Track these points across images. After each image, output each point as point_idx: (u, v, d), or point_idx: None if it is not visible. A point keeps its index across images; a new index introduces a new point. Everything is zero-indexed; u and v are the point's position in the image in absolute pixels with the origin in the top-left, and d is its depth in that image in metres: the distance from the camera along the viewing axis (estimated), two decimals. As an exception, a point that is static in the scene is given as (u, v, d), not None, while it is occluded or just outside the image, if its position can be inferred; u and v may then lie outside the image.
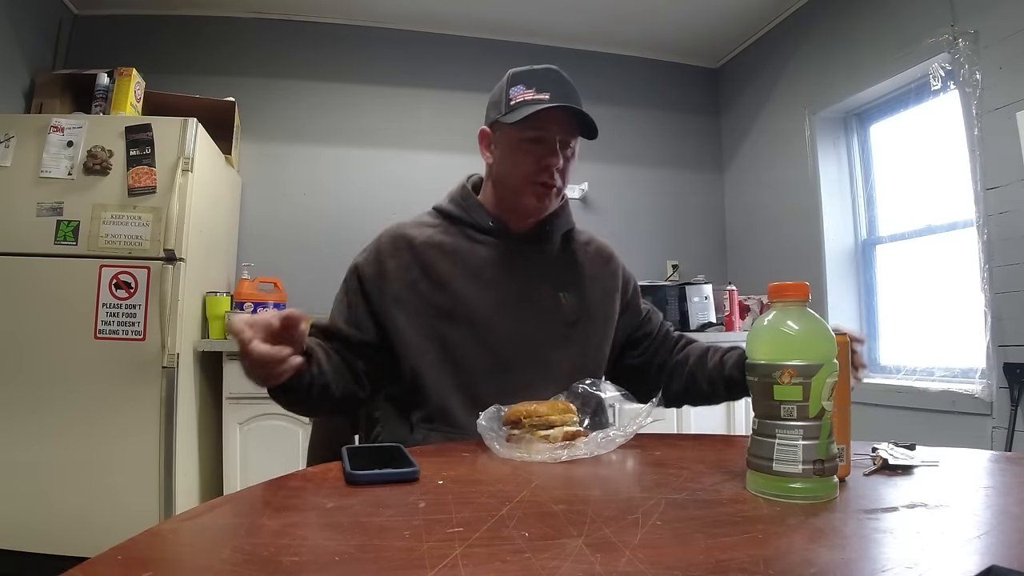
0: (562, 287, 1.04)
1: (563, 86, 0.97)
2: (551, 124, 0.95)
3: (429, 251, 1.00)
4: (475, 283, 0.99)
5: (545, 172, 0.96)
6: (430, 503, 0.53)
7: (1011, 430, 1.82)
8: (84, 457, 1.89)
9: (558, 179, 0.98)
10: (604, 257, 1.12)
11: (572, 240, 1.11)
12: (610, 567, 0.39)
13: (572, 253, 1.09)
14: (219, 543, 0.44)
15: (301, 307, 2.98)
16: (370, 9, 2.91)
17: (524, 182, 0.98)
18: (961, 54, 2.00)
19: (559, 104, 0.93)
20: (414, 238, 1.02)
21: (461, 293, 0.97)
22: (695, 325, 2.72)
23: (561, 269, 1.06)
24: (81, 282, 1.94)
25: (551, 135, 0.96)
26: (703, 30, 3.09)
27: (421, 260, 1.00)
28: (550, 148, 0.96)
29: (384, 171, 2.96)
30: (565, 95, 0.95)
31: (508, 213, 1.03)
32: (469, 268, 1.00)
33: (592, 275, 1.08)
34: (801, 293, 0.59)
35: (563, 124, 0.96)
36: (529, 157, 0.97)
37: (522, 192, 0.99)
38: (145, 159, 2.01)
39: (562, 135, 0.96)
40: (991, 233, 1.93)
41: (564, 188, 1.01)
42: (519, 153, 0.97)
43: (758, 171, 3.10)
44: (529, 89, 0.95)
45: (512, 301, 0.99)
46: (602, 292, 1.08)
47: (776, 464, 0.55)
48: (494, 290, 0.99)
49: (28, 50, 2.44)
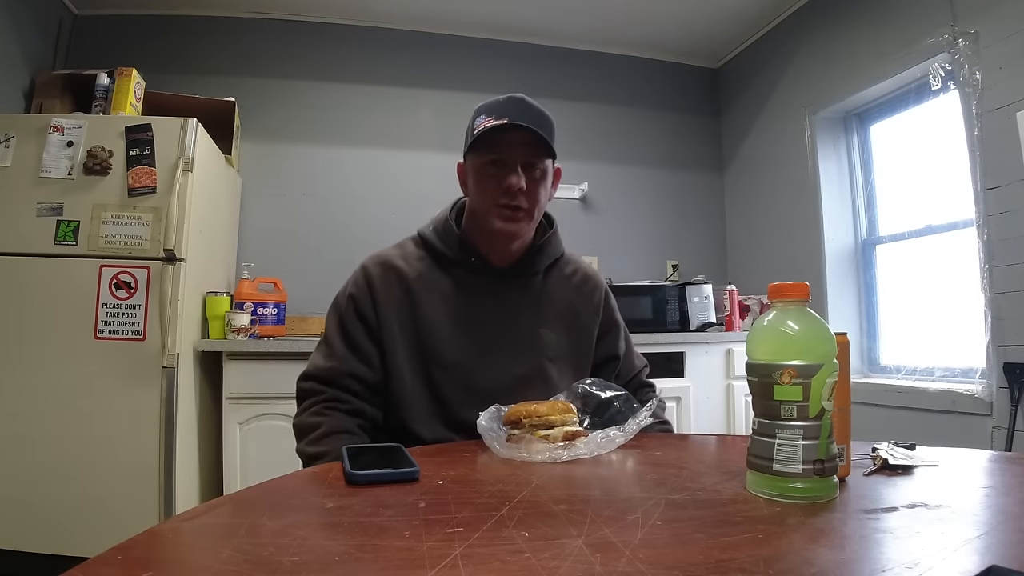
0: (544, 323, 1.04)
1: (523, 110, 0.96)
2: (510, 146, 0.95)
3: (419, 291, 1.00)
4: (460, 328, 0.99)
5: (507, 193, 0.95)
6: (430, 503, 0.53)
7: (1011, 430, 1.82)
8: (84, 457, 1.89)
9: (523, 201, 0.96)
10: (587, 289, 1.12)
11: (557, 271, 1.10)
12: (610, 567, 0.39)
13: (556, 285, 1.08)
14: (219, 543, 0.44)
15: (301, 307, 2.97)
16: (370, 9, 2.91)
17: (490, 205, 0.98)
18: (961, 54, 2.00)
19: (508, 122, 0.93)
20: (405, 273, 1.02)
21: (447, 338, 0.98)
22: (695, 325, 2.72)
23: (544, 304, 1.06)
24: (81, 282, 1.94)
25: (511, 157, 0.96)
26: (703, 30, 3.09)
27: (411, 299, 1.00)
28: (510, 169, 0.96)
29: (384, 171, 2.96)
30: (524, 117, 0.95)
31: (488, 245, 1.03)
32: (453, 310, 1.00)
33: (575, 309, 1.08)
34: (801, 293, 0.59)
35: (523, 145, 0.95)
36: (492, 180, 0.97)
37: (489, 216, 0.98)
38: (145, 159, 2.01)
39: (524, 156, 0.96)
40: (991, 233, 1.93)
41: (535, 209, 0.99)
42: (483, 178, 0.98)
43: (758, 171, 3.10)
44: (490, 117, 0.96)
45: (495, 344, 1.00)
46: (582, 325, 1.09)
47: (776, 464, 0.55)
48: (478, 333, 1.00)
49: (28, 50, 2.44)
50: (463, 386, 0.97)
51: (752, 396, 0.60)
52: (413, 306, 0.99)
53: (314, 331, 2.68)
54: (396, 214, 2.89)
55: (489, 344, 0.99)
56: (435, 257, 1.04)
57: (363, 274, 1.02)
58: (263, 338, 2.28)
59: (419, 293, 1.00)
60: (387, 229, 2.78)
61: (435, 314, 0.99)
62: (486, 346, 0.99)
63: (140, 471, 1.91)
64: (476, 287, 1.02)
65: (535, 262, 1.06)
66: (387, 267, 1.02)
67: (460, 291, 1.01)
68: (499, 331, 1.01)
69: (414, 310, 0.99)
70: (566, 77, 3.18)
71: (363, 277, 1.02)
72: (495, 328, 1.01)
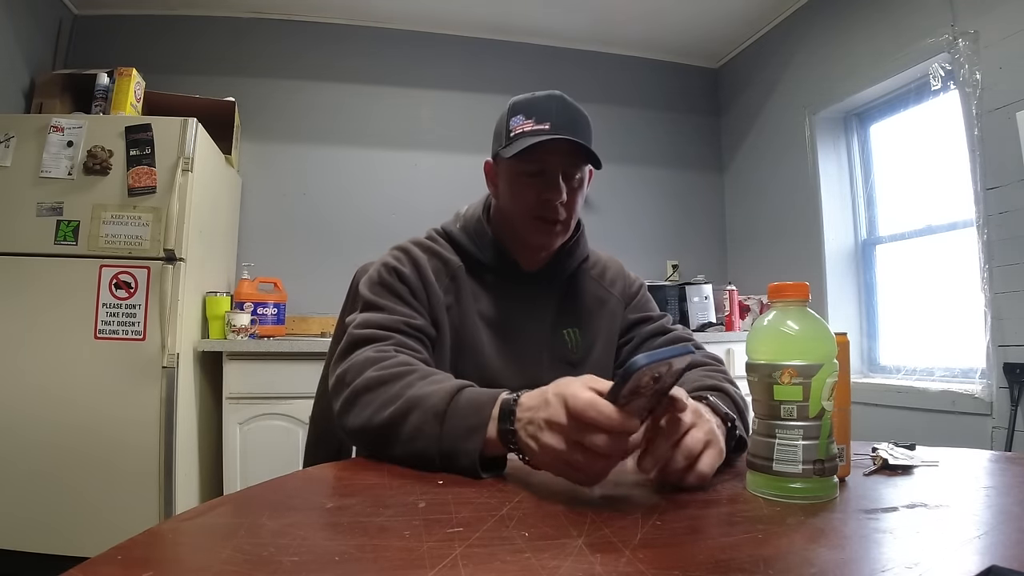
0: (569, 323, 1.00)
1: (565, 114, 0.90)
2: (551, 155, 0.89)
3: (463, 285, 0.96)
4: (488, 329, 0.95)
5: (546, 206, 0.90)
6: (430, 503, 0.53)
7: (1011, 430, 1.82)
8: (84, 457, 1.89)
9: (561, 212, 0.91)
10: (608, 281, 1.07)
11: (583, 272, 1.06)
12: (610, 567, 0.39)
13: (582, 284, 1.04)
14: (219, 543, 0.44)
15: (301, 307, 2.95)
16: (370, 9, 2.91)
17: (526, 217, 0.92)
18: (961, 54, 2.00)
19: (551, 134, 0.87)
20: (451, 262, 0.96)
21: (475, 338, 0.94)
22: (695, 325, 2.72)
23: (570, 305, 1.02)
24: (81, 282, 1.94)
25: (552, 167, 0.90)
26: (703, 30, 3.09)
27: (456, 290, 0.94)
28: (550, 181, 0.90)
29: (384, 171, 2.96)
30: (567, 123, 0.89)
31: (518, 250, 0.99)
32: (484, 312, 0.96)
33: (600, 304, 1.04)
34: (801, 293, 0.59)
35: (565, 155, 0.89)
36: (530, 191, 0.91)
37: (525, 228, 0.94)
38: (145, 159, 2.01)
39: (565, 166, 0.90)
40: (991, 233, 1.93)
41: (572, 220, 0.95)
42: (519, 187, 0.92)
43: (758, 171, 3.10)
44: (528, 119, 0.89)
45: (521, 349, 0.96)
46: (608, 320, 1.04)
47: (776, 464, 0.55)
48: (505, 336, 0.96)
49: (28, 50, 2.44)
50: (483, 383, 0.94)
51: (752, 396, 0.60)
52: (457, 295, 0.95)
53: (314, 331, 2.68)
54: (396, 214, 2.89)
55: (514, 347, 0.96)
56: (464, 256, 0.99)
57: (405, 255, 0.95)
58: (263, 338, 2.28)
59: (463, 286, 0.96)
60: (387, 229, 2.80)
61: (468, 310, 0.95)
62: (512, 349, 0.96)
63: (140, 471, 1.91)
64: (503, 289, 0.98)
65: (564, 265, 1.02)
66: (432, 252, 0.96)
67: (488, 292, 0.98)
68: (525, 334, 0.97)
69: (457, 300, 0.94)
70: (566, 77, 3.18)
71: (406, 256, 0.94)
72: (521, 331, 0.97)
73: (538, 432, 0.57)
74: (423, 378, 0.72)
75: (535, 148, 0.86)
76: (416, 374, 0.73)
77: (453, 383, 0.69)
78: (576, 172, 0.92)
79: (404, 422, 0.67)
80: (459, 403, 0.65)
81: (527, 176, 0.91)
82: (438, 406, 0.65)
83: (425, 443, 0.64)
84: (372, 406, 0.71)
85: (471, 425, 0.63)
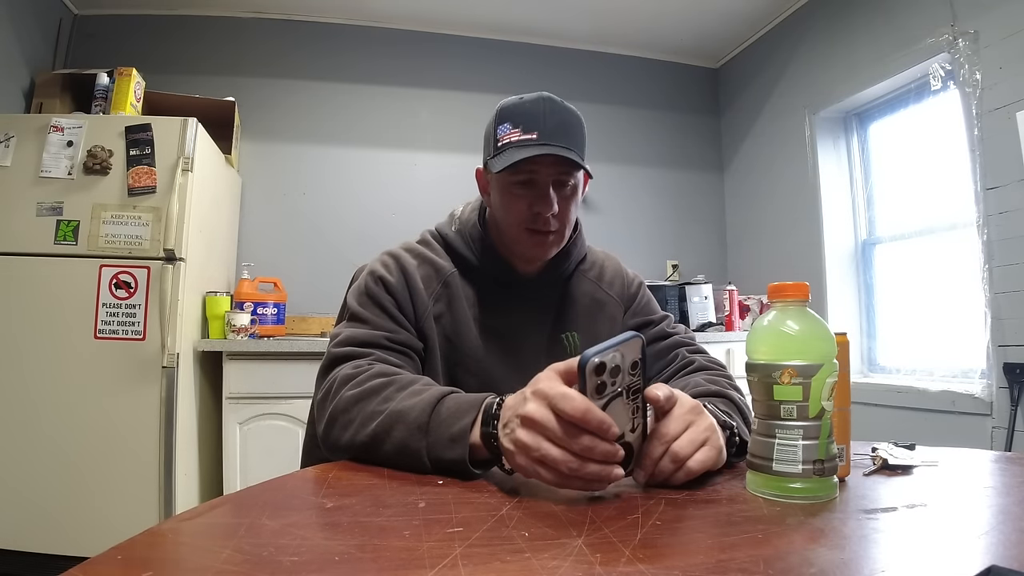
0: (567, 326, 1.00)
1: (554, 119, 0.87)
2: (540, 166, 0.86)
3: (456, 291, 0.94)
4: (484, 335, 0.94)
5: (537, 219, 0.88)
6: (430, 503, 0.53)
7: (1011, 430, 1.82)
8: (84, 457, 1.89)
9: (553, 223, 0.89)
10: (607, 283, 1.05)
11: (581, 272, 1.04)
12: (610, 567, 0.39)
13: (580, 287, 1.03)
14: (219, 543, 0.44)
15: (301, 307, 2.95)
16: (370, 9, 2.91)
17: (518, 229, 0.90)
18: (961, 54, 2.00)
19: (543, 151, 0.84)
20: (443, 268, 0.95)
21: (473, 346, 0.93)
22: (695, 325, 2.72)
23: (568, 308, 1.01)
24: (81, 282, 1.94)
25: (541, 178, 0.87)
26: (703, 30, 3.09)
27: (449, 297, 0.93)
28: (541, 192, 0.87)
29: (384, 171, 2.96)
30: (556, 128, 0.86)
31: (513, 256, 0.97)
32: (478, 316, 0.95)
33: (599, 306, 1.03)
34: (801, 293, 0.59)
35: (554, 164, 0.86)
36: (520, 203, 0.89)
37: (518, 240, 0.92)
38: (145, 159, 2.01)
39: (555, 176, 0.88)
40: (991, 233, 1.93)
41: (566, 229, 0.93)
42: (509, 198, 0.90)
43: (758, 171, 3.10)
44: (516, 128, 0.87)
45: (519, 354, 0.95)
46: (607, 323, 1.03)
47: (776, 464, 0.55)
48: (502, 343, 0.95)
49: (28, 50, 2.44)
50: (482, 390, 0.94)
51: (752, 396, 0.60)
52: (449, 302, 0.93)
53: (314, 331, 2.68)
54: (396, 214, 2.90)
55: (512, 353, 0.95)
56: (458, 260, 0.98)
57: (395, 262, 0.93)
58: (263, 338, 2.28)
59: (455, 291, 0.94)
60: (387, 229, 2.80)
61: (463, 317, 0.93)
62: (509, 355, 0.95)
63: (140, 471, 1.91)
64: (500, 294, 0.97)
65: (561, 268, 1.00)
66: (423, 259, 0.95)
67: (484, 297, 0.96)
68: (523, 339, 0.96)
69: (450, 307, 0.93)
70: (566, 77, 3.18)
71: (395, 263, 0.93)
72: (519, 336, 0.96)
73: (515, 430, 0.57)
74: (402, 389, 0.71)
75: (523, 160, 0.84)
76: (394, 386, 0.72)
77: (434, 392, 0.68)
78: (568, 179, 0.90)
79: (387, 438, 0.66)
80: (440, 413, 0.65)
81: (517, 187, 0.89)
82: (419, 419, 0.65)
83: (411, 459, 0.64)
84: (353, 425, 0.70)
85: (453, 435, 0.62)
